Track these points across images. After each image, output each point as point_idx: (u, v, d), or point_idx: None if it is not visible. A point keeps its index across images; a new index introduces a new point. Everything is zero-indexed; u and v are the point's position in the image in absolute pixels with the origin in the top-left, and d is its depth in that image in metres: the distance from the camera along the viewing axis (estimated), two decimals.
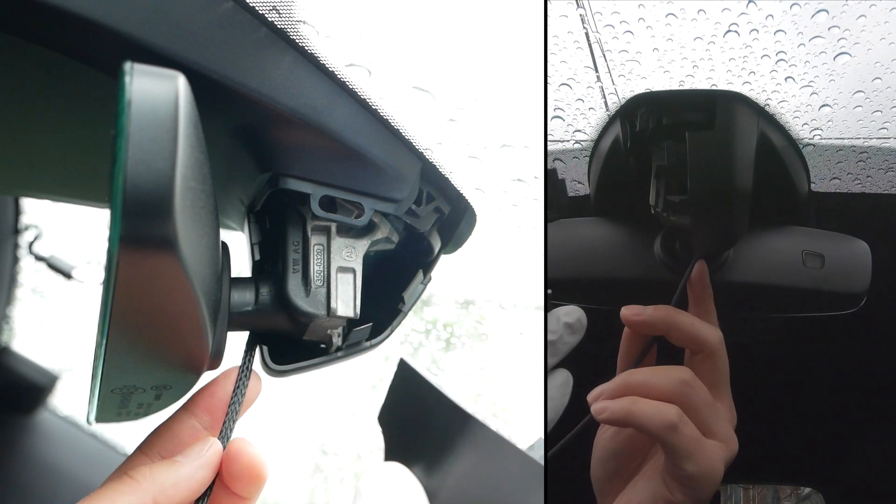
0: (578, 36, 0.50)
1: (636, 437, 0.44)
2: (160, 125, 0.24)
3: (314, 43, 0.36)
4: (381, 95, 0.39)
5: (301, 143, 0.37)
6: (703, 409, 0.41)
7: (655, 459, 0.43)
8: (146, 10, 0.30)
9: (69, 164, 0.48)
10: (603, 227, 0.54)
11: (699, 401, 0.41)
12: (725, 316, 0.45)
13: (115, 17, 0.29)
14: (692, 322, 0.43)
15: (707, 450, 0.40)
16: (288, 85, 0.35)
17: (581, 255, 0.52)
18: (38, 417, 1.16)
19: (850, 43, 0.48)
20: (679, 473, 0.40)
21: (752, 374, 0.58)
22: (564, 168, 0.57)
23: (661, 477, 0.41)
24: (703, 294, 0.45)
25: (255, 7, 0.34)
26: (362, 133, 0.38)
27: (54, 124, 0.41)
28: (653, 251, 0.52)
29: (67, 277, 1.11)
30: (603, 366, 0.45)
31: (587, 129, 0.54)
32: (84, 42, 0.30)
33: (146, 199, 0.24)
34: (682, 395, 0.40)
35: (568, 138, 0.55)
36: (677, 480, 0.40)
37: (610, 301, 0.44)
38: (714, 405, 0.42)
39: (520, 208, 0.56)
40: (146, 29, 0.30)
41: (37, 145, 0.44)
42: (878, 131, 0.54)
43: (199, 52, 0.32)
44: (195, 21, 0.32)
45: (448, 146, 0.44)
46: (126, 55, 0.26)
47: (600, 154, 0.54)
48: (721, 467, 0.40)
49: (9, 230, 1.11)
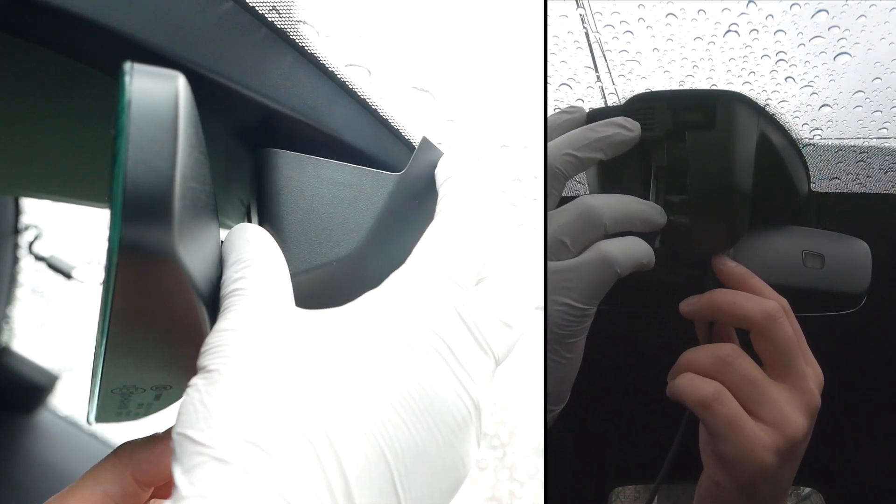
0: (578, 36, 0.50)
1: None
2: (160, 125, 0.24)
3: (314, 43, 0.36)
4: (381, 95, 0.39)
5: (301, 143, 0.37)
6: (743, 387, 0.40)
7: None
8: (146, 10, 0.30)
9: (69, 164, 0.48)
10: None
11: (738, 379, 0.40)
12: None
13: (115, 17, 0.29)
14: (734, 301, 0.42)
15: (746, 433, 0.39)
16: (288, 85, 0.35)
17: None
18: (38, 417, 1.16)
19: (850, 43, 0.48)
20: (716, 452, 0.39)
21: None
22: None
23: (707, 453, 0.41)
24: (739, 277, 0.44)
25: (255, 7, 0.34)
26: (362, 133, 0.38)
27: (54, 124, 0.41)
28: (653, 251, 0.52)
29: (67, 277, 1.11)
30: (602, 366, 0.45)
31: None
32: (84, 42, 0.30)
33: (146, 199, 0.24)
34: (718, 372, 0.40)
35: None
36: (715, 460, 0.40)
37: (609, 301, 0.44)
38: (761, 385, 0.40)
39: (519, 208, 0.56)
40: (146, 29, 0.30)
41: (37, 145, 0.44)
42: (878, 131, 0.54)
43: (199, 52, 0.32)
44: (195, 21, 0.32)
45: (448, 146, 0.44)
46: (126, 55, 0.26)
47: None
48: (765, 454, 0.39)
49: (9, 230, 1.11)
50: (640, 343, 0.58)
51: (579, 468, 0.49)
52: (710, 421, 0.39)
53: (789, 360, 0.41)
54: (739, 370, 0.40)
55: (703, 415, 0.39)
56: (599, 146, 0.43)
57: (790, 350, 0.41)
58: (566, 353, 0.41)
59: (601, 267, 0.40)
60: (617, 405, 0.61)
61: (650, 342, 0.56)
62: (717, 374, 0.40)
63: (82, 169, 0.49)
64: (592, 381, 0.42)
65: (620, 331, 0.46)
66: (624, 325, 0.58)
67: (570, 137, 0.43)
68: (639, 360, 0.58)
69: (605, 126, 0.44)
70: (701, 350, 0.42)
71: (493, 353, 0.31)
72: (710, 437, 0.40)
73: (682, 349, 0.44)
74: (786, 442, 0.39)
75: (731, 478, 0.40)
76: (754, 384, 0.40)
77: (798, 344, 0.42)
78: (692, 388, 0.40)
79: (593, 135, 0.43)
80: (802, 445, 0.41)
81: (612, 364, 0.56)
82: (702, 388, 0.39)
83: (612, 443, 0.65)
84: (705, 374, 0.40)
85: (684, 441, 0.43)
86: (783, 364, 0.41)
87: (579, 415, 0.43)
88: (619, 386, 0.60)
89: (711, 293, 0.43)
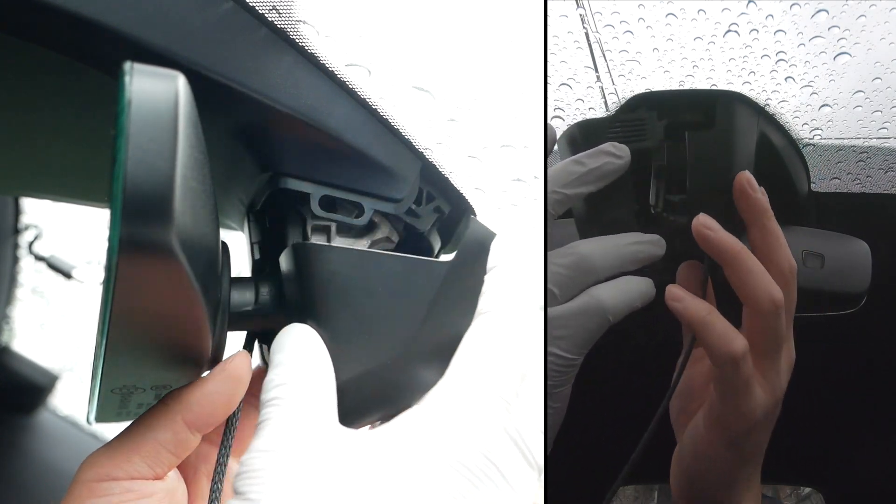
0: (578, 36, 0.50)
1: (706, 375, 0.43)
2: (160, 125, 0.24)
3: (314, 43, 0.36)
4: (381, 95, 0.39)
5: (301, 142, 0.37)
6: (760, 343, 0.39)
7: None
8: (146, 10, 0.30)
9: (69, 164, 0.48)
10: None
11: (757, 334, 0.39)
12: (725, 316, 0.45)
13: (115, 17, 0.29)
14: (703, 331, 0.40)
15: (755, 393, 0.38)
16: (288, 85, 0.35)
17: None
18: (38, 417, 1.16)
19: (850, 43, 0.48)
20: (716, 411, 0.38)
21: None
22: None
23: (707, 417, 0.40)
24: (756, 211, 0.41)
25: (255, 7, 0.34)
26: (362, 133, 0.38)
27: (54, 124, 0.41)
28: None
29: (67, 277, 1.11)
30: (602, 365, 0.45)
31: None
32: (84, 42, 0.30)
33: (146, 199, 0.24)
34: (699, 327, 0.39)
35: None
36: (711, 420, 0.39)
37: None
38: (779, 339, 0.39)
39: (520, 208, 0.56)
40: (146, 29, 0.30)
41: (37, 145, 0.44)
42: (878, 131, 0.54)
43: (199, 52, 0.32)
44: (195, 21, 0.32)
45: (448, 146, 0.44)
46: (126, 55, 0.26)
47: None
48: (762, 415, 0.39)
49: (9, 230, 1.11)
50: (640, 343, 0.58)
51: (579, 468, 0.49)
52: (732, 378, 0.38)
53: (771, 348, 0.40)
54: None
55: (727, 370, 0.37)
56: (589, 179, 0.41)
57: (774, 340, 0.40)
58: (553, 403, 0.39)
59: (593, 316, 0.39)
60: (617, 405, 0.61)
61: (650, 342, 0.56)
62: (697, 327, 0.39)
63: (82, 169, 0.49)
64: (592, 381, 0.42)
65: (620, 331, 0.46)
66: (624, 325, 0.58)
67: (557, 173, 0.41)
68: (639, 360, 0.58)
69: (594, 157, 0.42)
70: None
71: (537, 464, 0.31)
72: (721, 392, 0.38)
73: (682, 349, 0.44)
74: (774, 403, 0.40)
75: (725, 437, 0.39)
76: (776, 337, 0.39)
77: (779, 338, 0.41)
78: (724, 338, 0.38)
79: (581, 168, 0.41)
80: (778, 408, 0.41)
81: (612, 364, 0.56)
82: (734, 342, 0.37)
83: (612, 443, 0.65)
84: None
85: (651, 441, 0.42)
86: (767, 352, 0.40)
87: (579, 415, 0.43)
88: (619, 386, 0.60)
89: (696, 306, 0.41)
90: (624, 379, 0.60)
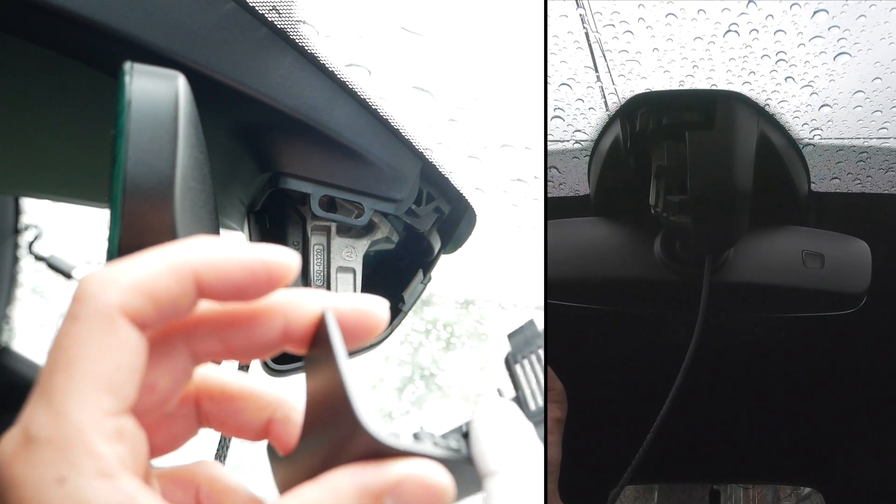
0: (578, 36, 0.50)
1: None
2: (160, 125, 0.24)
3: (314, 43, 0.36)
4: (381, 95, 0.39)
5: (301, 142, 0.37)
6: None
7: None
8: (146, 11, 0.30)
9: (69, 164, 0.48)
10: (603, 227, 0.53)
11: None
12: (726, 316, 0.45)
13: (115, 17, 0.29)
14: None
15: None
16: (288, 85, 0.35)
17: (581, 255, 0.52)
18: None
19: (850, 43, 0.48)
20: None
21: (751, 374, 0.58)
22: (564, 168, 0.57)
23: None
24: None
25: (255, 7, 0.34)
26: (362, 133, 0.38)
27: (54, 124, 0.41)
28: (653, 251, 0.51)
29: (67, 277, 1.11)
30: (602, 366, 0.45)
31: (587, 129, 0.54)
32: (84, 42, 0.30)
33: (146, 199, 0.24)
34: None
35: (568, 138, 0.55)
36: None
37: (610, 301, 0.44)
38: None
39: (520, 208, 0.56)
40: (146, 29, 0.30)
41: (37, 145, 0.44)
42: (878, 131, 0.54)
43: (200, 52, 0.32)
44: (195, 21, 0.32)
45: (448, 146, 0.44)
46: (126, 55, 0.26)
47: (600, 154, 0.54)
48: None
49: (9, 230, 1.11)
50: (641, 343, 0.58)
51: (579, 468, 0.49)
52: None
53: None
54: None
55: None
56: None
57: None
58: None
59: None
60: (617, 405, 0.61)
61: (650, 342, 0.56)
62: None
63: (82, 169, 0.49)
64: (593, 381, 0.42)
65: (620, 331, 0.46)
66: (624, 325, 0.58)
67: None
68: (639, 360, 0.58)
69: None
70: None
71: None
72: None
73: (683, 349, 0.44)
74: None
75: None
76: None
77: None
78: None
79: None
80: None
81: (613, 364, 0.56)
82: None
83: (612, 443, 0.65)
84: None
85: (656, 441, 0.42)
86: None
87: (579, 415, 0.43)
88: (619, 386, 0.60)
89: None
90: (625, 378, 0.60)
